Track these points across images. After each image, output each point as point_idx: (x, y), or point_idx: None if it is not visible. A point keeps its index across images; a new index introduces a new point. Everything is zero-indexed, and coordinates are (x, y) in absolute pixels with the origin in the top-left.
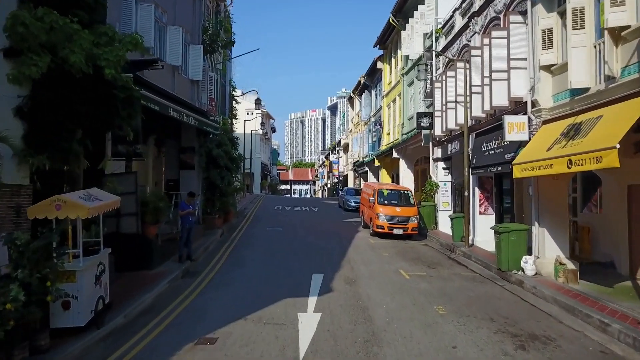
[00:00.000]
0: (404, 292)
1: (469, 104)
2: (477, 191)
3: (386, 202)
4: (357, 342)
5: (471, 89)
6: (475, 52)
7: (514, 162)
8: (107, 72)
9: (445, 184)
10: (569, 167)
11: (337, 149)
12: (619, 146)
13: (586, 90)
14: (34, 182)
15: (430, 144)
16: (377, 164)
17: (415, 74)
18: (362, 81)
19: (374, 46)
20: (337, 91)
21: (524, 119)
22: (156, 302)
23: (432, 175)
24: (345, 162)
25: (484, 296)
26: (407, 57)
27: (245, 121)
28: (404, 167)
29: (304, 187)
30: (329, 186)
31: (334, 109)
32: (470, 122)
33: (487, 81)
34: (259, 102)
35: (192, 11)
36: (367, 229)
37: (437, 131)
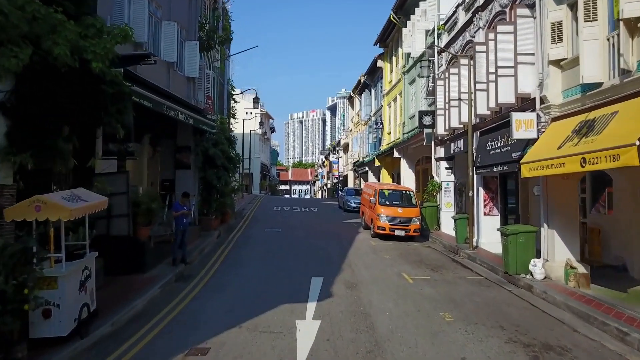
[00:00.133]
0: (408, 298)
1: (473, 102)
2: (481, 191)
3: (387, 203)
4: (359, 353)
5: (475, 86)
6: (479, 47)
7: (522, 161)
8: (94, 65)
9: (447, 184)
10: (582, 166)
11: (336, 149)
12: (638, 143)
13: (599, 85)
14: (17, 181)
15: (432, 143)
16: (377, 163)
17: (416, 72)
18: (362, 80)
19: (375, 44)
20: (337, 91)
21: (532, 116)
22: (147, 309)
23: (434, 175)
24: (345, 162)
25: (492, 302)
26: (408, 54)
27: (244, 120)
28: (405, 167)
29: (304, 187)
30: (329, 186)
31: (333, 109)
32: (474, 120)
33: (492, 77)
34: (257, 100)
35: (188, 7)
36: (368, 230)
37: (440, 130)
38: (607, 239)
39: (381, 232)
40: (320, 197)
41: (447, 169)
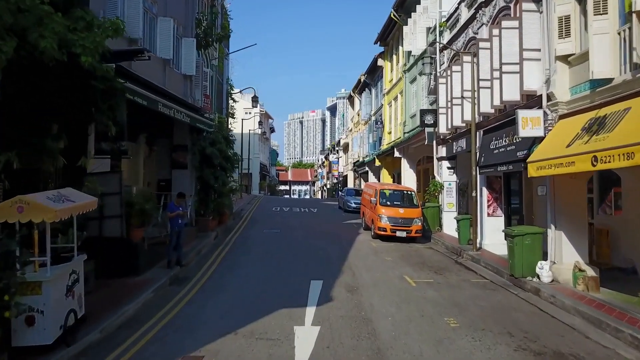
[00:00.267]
0: (411, 302)
1: (476, 100)
2: (485, 191)
3: (388, 203)
4: None
5: (479, 84)
6: (483, 44)
7: (528, 160)
8: (83, 59)
9: (449, 184)
10: (593, 165)
11: (336, 149)
12: None
13: (609, 80)
14: (2, 181)
15: (434, 142)
16: (377, 163)
17: (417, 70)
18: (362, 79)
19: (375, 43)
20: (337, 92)
21: (539, 113)
22: (139, 314)
23: (436, 175)
24: (345, 162)
25: (498, 306)
26: (409, 53)
27: (242, 120)
28: (406, 166)
29: (304, 187)
30: (329, 187)
31: (333, 109)
32: (477, 119)
33: (496, 74)
34: (256, 99)
35: (185, 3)
36: (369, 231)
37: (442, 129)
38: (615, 241)
39: (382, 233)
40: (320, 197)
41: (449, 168)
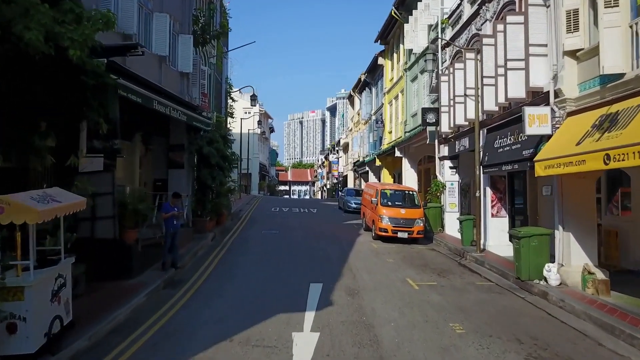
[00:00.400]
0: (414, 306)
1: (480, 97)
2: (488, 191)
3: (390, 204)
4: None
5: (483, 81)
6: (487, 40)
7: (536, 159)
8: (71, 53)
9: (452, 184)
10: (606, 163)
11: (336, 148)
12: None
13: (621, 76)
14: None
15: (435, 141)
16: (378, 163)
17: (418, 68)
18: (362, 78)
19: (375, 41)
20: (337, 92)
21: (546, 110)
22: (130, 319)
23: (438, 174)
24: (345, 162)
25: (505, 311)
26: (410, 51)
27: (241, 120)
28: (407, 166)
29: (303, 188)
30: (329, 187)
31: (333, 110)
32: (481, 117)
33: (501, 71)
34: (254, 98)
35: None
36: (369, 232)
37: (444, 128)
38: (625, 242)
39: (383, 234)
40: (319, 197)
41: (451, 168)
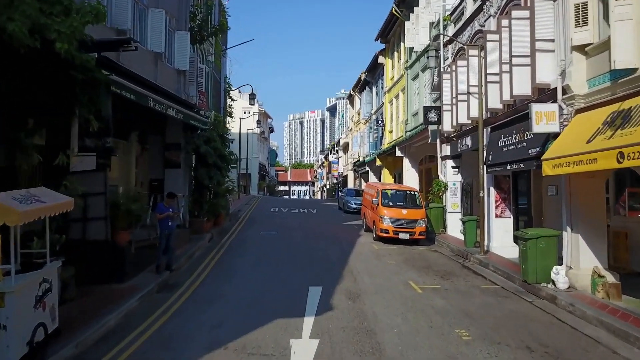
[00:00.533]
0: (417, 311)
1: (484, 95)
2: (492, 191)
3: (391, 204)
4: None
5: (486, 78)
6: (491, 36)
7: (543, 158)
8: (58, 46)
9: (454, 184)
10: (619, 162)
11: (336, 148)
12: None
13: (633, 71)
14: None
15: (437, 140)
16: (378, 163)
17: (419, 67)
18: (362, 77)
19: (376, 39)
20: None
21: (553, 107)
22: (121, 325)
23: (440, 174)
24: (344, 162)
25: (513, 316)
26: (411, 49)
27: (240, 119)
28: (407, 166)
29: (303, 188)
30: (328, 187)
31: (332, 110)
32: (485, 115)
33: (506, 68)
34: (253, 96)
35: None
36: (370, 233)
37: (446, 126)
38: (635, 244)
39: (384, 235)
40: (319, 197)
41: (453, 167)
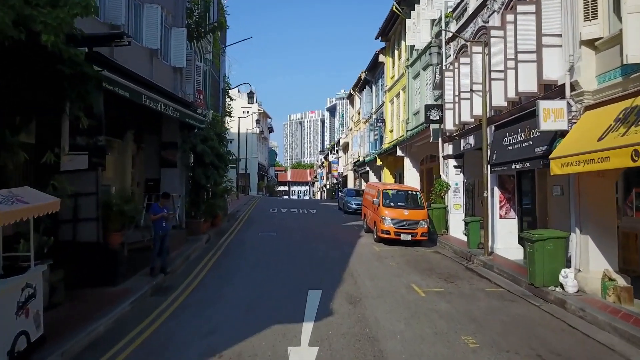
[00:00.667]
0: (421, 316)
1: (487, 92)
2: (496, 192)
3: (392, 204)
4: None
5: (490, 75)
6: (495, 32)
7: (551, 156)
8: (44, 38)
9: (456, 184)
10: (634, 160)
11: (336, 148)
12: None
13: None
14: None
15: (439, 139)
16: (379, 163)
17: (421, 65)
18: (362, 77)
19: (376, 38)
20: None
21: (562, 104)
22: (111, 331)
23: (442, 174)
24: (344, 162)
25: (520, 321)
26: (412, 47)
27: (239, 119)
28: (408, 166)
29: (303, 188)
30: (328, 187)
31: (332, 110)
32: (489, 113)
33: (511, 64)
34: (252, 95)
35: None
36: (371, 233)
37: (448, 125)
38: None
39: (385, 236)
40: (319, 198)
41: (455, 167)
